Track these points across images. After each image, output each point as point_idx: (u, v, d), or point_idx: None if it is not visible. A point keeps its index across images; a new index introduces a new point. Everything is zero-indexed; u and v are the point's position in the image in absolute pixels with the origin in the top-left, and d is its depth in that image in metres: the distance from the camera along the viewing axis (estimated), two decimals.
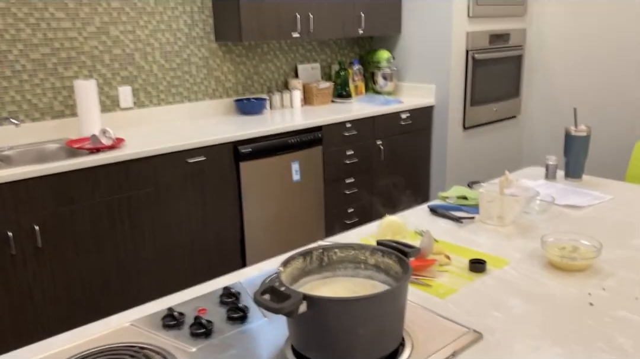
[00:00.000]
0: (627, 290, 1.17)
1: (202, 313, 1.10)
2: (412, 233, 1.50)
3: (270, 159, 2.93)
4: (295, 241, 3.14)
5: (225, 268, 2.87)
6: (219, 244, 2.83)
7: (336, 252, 1.07)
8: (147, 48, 3.01)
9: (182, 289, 2.58)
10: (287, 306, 0.84)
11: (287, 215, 3.07)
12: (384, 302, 0.88)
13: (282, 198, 3.03)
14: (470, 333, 1.01)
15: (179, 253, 2.69)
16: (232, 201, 2.83)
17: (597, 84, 3.82)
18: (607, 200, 1.76)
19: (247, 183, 2.85)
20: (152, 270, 2.61)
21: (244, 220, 2.88)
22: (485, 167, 4.08)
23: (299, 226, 3.14)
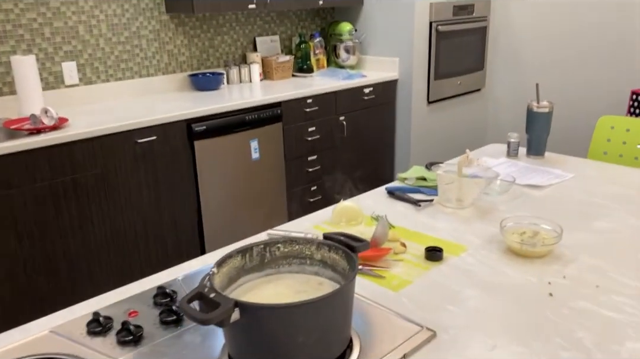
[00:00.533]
0: (587, 278, 1.11)
1: (133, 316, 1.00)
2: (368, 219, 1.42)
3: (227, 137, 2.80)
4: (256, 222, 3.04)
5: (183, 253, 2.76)
6: (174, 228, 2.71)
7: (279, 247, 0.98)
8: (91, 20, 2.81)
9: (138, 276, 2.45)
10: (215, 316, 0.75)
11: (246, 195, 2.96)
12: (325, 307, 0.80)
13: (241, 178, 2.92)
14: (423, 331, 0.94)
15: (131, 239, 2.57)
16: (187, 183, 2.71)
17: (561, 59, 3.78)
18: (569, 178, 1.71)
19: (202, 163, 2.73)
20: (103, 257, 2.48)
21: (200, 202, 2.77)
22: (450, 142, 4.03)
23: (260, 207, 3.04)
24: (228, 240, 2.94)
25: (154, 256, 2.66)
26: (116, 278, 2.53)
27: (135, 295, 1.07)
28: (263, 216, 3.07)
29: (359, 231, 1.31)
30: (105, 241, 2.47)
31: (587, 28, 3.62)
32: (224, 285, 0.90)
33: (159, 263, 2.68)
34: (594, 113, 3.64)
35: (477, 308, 1.02)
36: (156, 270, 2.65)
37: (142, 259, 2.61)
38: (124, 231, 2.52)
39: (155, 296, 1.04)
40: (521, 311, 1.00)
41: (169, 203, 2.67)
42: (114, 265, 2.52)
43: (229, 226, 2.91)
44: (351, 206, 1.39)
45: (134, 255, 2.59)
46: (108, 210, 2.45)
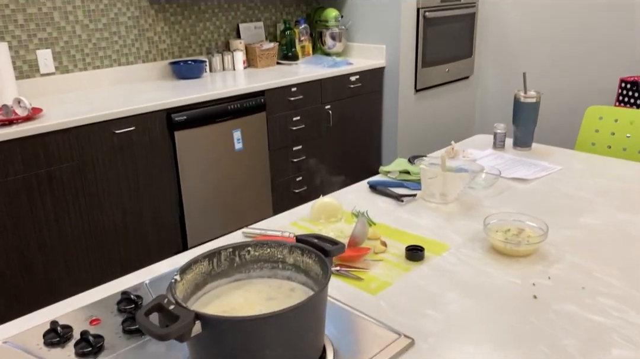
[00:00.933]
0: (573, 279, 1.07)
1: (95, 324, 0.94)
2: (349, 215, 1.37)
3: (209, 127, 2.73)
4: (241, 215, 2.98)
5: (164, 247, 2.70)
6: (155, 221, 2.64)
7: (249, 251, 0.92)
8: (67, 6, 2.71)
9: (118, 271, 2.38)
10: (173, 331, 0.69)
11: (230, 187, 2.90)
12: (293, 319, 0.75)
13: (224, 169, 2.85)
14: (400, 339, 0.89)
15: (110, 233, 2.50)
16: (168, 175, 2.64)
17: (549, 47, 3.73)
18: (556, 171, 1.67)
19: (183, 155, 2.66)
20: (81, 252, 2.41)
21: (182, 195, 2.70)
22: (437, 131, 3.98)
23: (245, 199, 2.98)
24: (211, 233, 2.88)
25: (134, 250, 2.59)
26: (95, 273, 2.47)
27: (98, 301, 1.01)
28: (247, 208, 3.01)
29: (339, 229, 1.26)
30: (83, 236, 2.40)
31: (577, 16, 3.57)
32: (188, 293, 0.85)
33: (140, 257, 2.62)
34: (582, 103, 3.61)
35: (457, 312, 0.97)
36: (136, 265, 2.60)
37: (122, 253, 2.55)
38: (102, 225, 2.46)
39: (119, 303, 0.98)
40: (504, 316, 0.96)
41: (149, 195, 2.60)
42: (92, 260, 2.45)
43: (211, 219, 2.85)
44: (331, 203, 1.34)
45: (113, 249, 2.52)
46: (85, 203, 2.38)
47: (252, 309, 0.84)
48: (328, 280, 0.79)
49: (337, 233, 1.25)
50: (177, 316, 0.71)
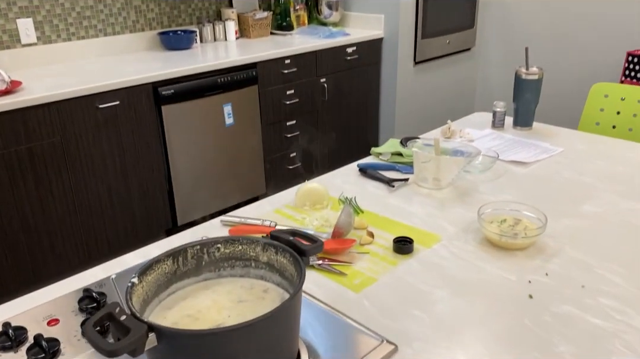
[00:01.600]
0: (572, 275, 1.00)
1: (53, 325, 0.87)
2: (335, 201, 1.29)
3: (198, 101, 2.63)
4: (232, 192, 2.91)
5: (153, 225, 2.63)
6: (143, 199, 2.57)
7: (219, 248, 0.85)
8: None
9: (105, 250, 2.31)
10: (123, 346, 0.62)
11: (220, 164, 2.81)
12: (262, 329, 0.67)
13: (214, 145, 2.76)
14: (383, 345, 0.82)
15: (97, 211, 2.42)
16: (155, 151, 2.55)
17: (553, 22, 3.59)
18: (557, 153, 1.58)
19: (171, 130, 2.56)
20: (66, 231, 2.34)
21: (170, 172, 2.62)
22: (437, 106, 3.87)
23: (236, 176, 2.90)
24: (201, 211, 2.81)
25: (122, 230, 2.53)
26: (81, 254, 2.41)
27: (58, 298, 0.93)
28: (239, 186, 2.93)
29: (324, 217, 1.18)
30: (67, 215, 2.33)
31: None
32: (150, 295, 0.78)
33: (128, 236, 2.55)
34: (587, 79, 3.48)
35: (446, 313, 0.90)
36: (124, 244, 2.53)
37: (109, 232, 2.48)
38: (87, 204, 2.38)
39: (80, 301, 0.91)
40: (496, 318, 0.89)
41: (136, 173, 2.51)
42: (78, 240, 2.39)
43: (201, 197, 2.77)
44: (316, 188, 1.26)
45: (100, 228, 2.45)
46: (69, 181, 2.30)
47: (219, 314, 0.77)
48: (301, 285, 0.71)
49: (322, 222, 1.17)
50: (128, 328, 0.64)
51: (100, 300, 0.90)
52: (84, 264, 2.41)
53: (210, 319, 0.76)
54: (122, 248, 2.53)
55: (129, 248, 2.48)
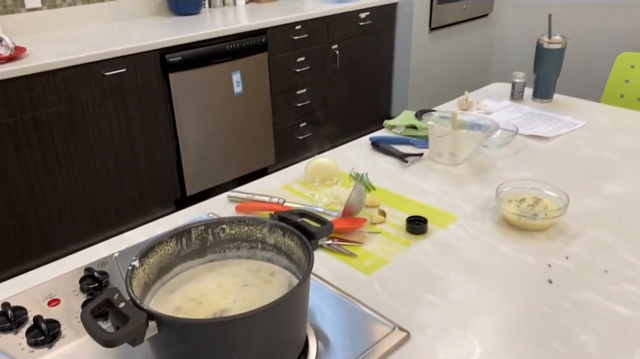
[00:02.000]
0: (595, 259, 0.95)
1: (54, 305, 0.84)
2: (346, 177, 1.24)
3: (206, 69, 2.56)
4: (241, 163, 2.87)
5: (161, 196, 2.61)
6: (151, 169, 2.53)
7: (224, 229, 0.81)
8: None
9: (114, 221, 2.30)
10: (121, 335, 0.59)
11: (229, 134, 2.77)
12: (267, 319, 0.64)
13: (223, 115, 2.71)
14: (394, 332, 0.78)
15: (104, 181, 2.40)
16: (163, 120, 2.50)
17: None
18: (579, 127, 1.51)
19: (179, 98, 2.51)
20: (74, 200, 2.32)
21: (178, 141, 2.58)
22: (452, 76, 3.76)
23: (245, 146, 2.85)
24: (210, 181, 2.78)
25: (130, 200, 2.50)
26: (90, 224, 2.40)
27: (59, 277, 0.90)
28: (248, 156, 2.89)
29: (334, 194, 1.14)
30: (75, 184, 2.31)
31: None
32: (152, 278, 0.74)
33: (136, 206, 2.53)
34: (612, 48, 3.35)
35: (461, 298, 0.86)
36: (133, 215, 2.51)
37: (116, 202, 2.46)
38: (95, 173, 2.35)
39: (82, 280, 0.88)
40: (514, 304, 0.84)
41: (144, 142, 2.48)
42: (86, 209, 2.37)
43: (210, 167, 2.74)
44: (326, 164, 1.21)
45: (108, 198, 2.43)
46: (76, 150, 2.27)
47: (223, 299, 0.73)
48: (309, 271, 0.67)
49: (332, 199, 1.12)
50: (127, 316, 0.60)
51: (102, 280, 0.87)
52: (92, 234, 2.40)
53: (214, 304, 0.73)
54: (130, 218, 2.52)
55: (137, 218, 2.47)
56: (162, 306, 0.73)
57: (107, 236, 1.02)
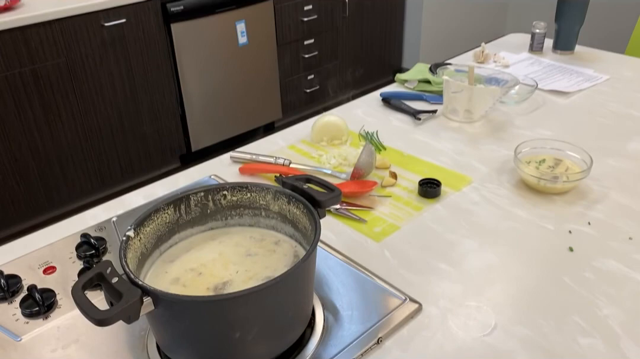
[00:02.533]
0: (619, 225, 0.89)
1: (50, 273, 0.81)
2: (356, 137, 1.18)
3: (209, 19, 2.46)
4: (247, 117, 2.80)
5: (167, 151, 2.56)
6: (155, 123, 2.48)
7: (225, 195, 0.76)
8: None
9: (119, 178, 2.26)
10: (114, 314, 0.55)
11: (234, 86, 2.69)
12: (269, 295, 0.59)
13: (227, 66, 2.62)
14: (405, 304, 0.74)
15: (107, 136, 2.35)
16: (166, 72, 2.42)
17: None
18: (602, 81, 1.43)
19: (181, 50, 2.42)
20: (77, 156, 2.28)
21: (182, 95, 2.50)
22: (467, 23, 3.61)
23: (251, 99, 2.78)
24: (215, 136, 2.72)
25: (134, 155, 2.46)
26: (94, 180, 2.36)
27: (55, 243, 0.87)
28: (254, 109, 2.82)
29: (342, 155, 1.08)
30: (77, 139, 2.26)
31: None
32: (149, 248, 0.70)
33: (141, 161, 2.49)
34: None
35: (475, 268, 0.81)
36: (137, 170, 2.47)
37: (120, 157, 2.42)
38: (97, 128, 2.30)
39: (78, 247, 0.84)
40: (532, 274, 0.80)
41: (146, 95, 2.41)
42: (90, 165, 2.33)
43: (215, 121, 2.67)
44: (334, 122, 1.14)
45: (111, 153, 2.39)
46: (77, 104, 2.21)
47: (225, 270, 0.69)
48: (315, 243, 0.63)
49: (340, 160, 1.07)
50: (120, 293, 0.56)
51: (99, 247, 0.84)
52: (97, 190, 2.37)
53: (215, 274, 0.69)
54: (135, 174, 2.48)
55: (142, 174, 2.44)
56: (161, 277, 0.69)
57: (112, 192, 0.98)
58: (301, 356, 0.66)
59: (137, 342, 0.69)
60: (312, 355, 0.66)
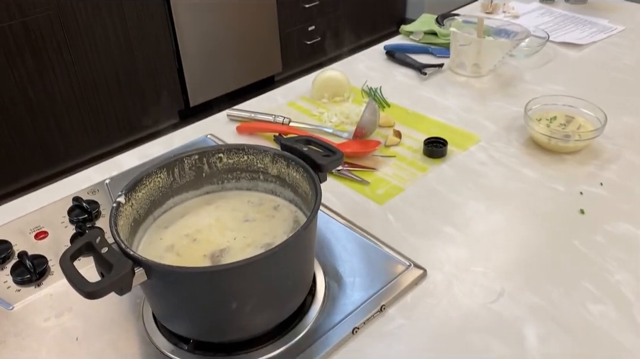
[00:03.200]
0: (632, 186, 0.86)
1: (41, 238, 0.78)
2: (358, 93, 1.13)
3: None
4: (245, 70, 2.72)
5: (164, 106, 2.50)
6: (151, 76, 2.41)
7: (221, 158, 0.72)
8: None
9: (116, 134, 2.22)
10: (104, 286, 0.52)
11: (233, 39, 2.60)
12: (267, 265, 0.57)
13: (224, 17, 2.52)
14: (410, 270, 0.72)
15: (103, 90, 2.29)
16: (161, 24, 2.34)
17: None
18: (617, 33, 1.36)
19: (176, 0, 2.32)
20: (73, 111, 2.23)
21: (178, 48, 2.42)
22: None
23: (249, 51, 2.69)
24: (214, 91, 2.65)
25: (131, 110, 2.41)
26: (91, 135, 2.32)
27: (47, 207, 0.84)
28: (253, 62, 2.74)
29: (344, 112, 1.04)
30: (72, 93, 2.20)
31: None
32: (142, 214, 0.67)
33: (138, 116, 2.44)
34: None
35: (482, 231, 0.78)
36: (135, 125, 2.42)
37: (117, 113, 2.37)
38: (92, 82, 2.24)
39: (70, 211, 0.81)
40: (541, 238, 0.77)
41: (142, 48, 2.33)
42: (86, 119, 2.28)
43: (213, 74, 2.60)
44: (336, 77, 1.09)
45: (108, 108, 2.33)
46: (71, 57, 2.14)
47: (222, 236, 0.66)
48: (316, 209, 0.59)
49: (342, 118, 1.02)
50: (110, 264, 0.54)
51: (92, 211, 0.81)
52: (94, 146, 2.33)
53: (212, 241, 0.66)
54: (133, 130, 2.44)
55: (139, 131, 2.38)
56: (155, 244, 0.66)
57: (110, 149, 0.94)
58: (302, 324, 0.64)
59: (133, 310, 0.67)
60: (313, 324, 0.64)
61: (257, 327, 0.62)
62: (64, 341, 0.64)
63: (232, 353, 0.61)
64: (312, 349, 0.61)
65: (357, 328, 0.64)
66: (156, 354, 0.62)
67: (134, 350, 0.63)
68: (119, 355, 0.62)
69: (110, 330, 0.65)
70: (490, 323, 0.65)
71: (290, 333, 0.63)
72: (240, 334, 0.62)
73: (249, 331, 0.61)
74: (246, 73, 2.72)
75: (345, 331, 0.63)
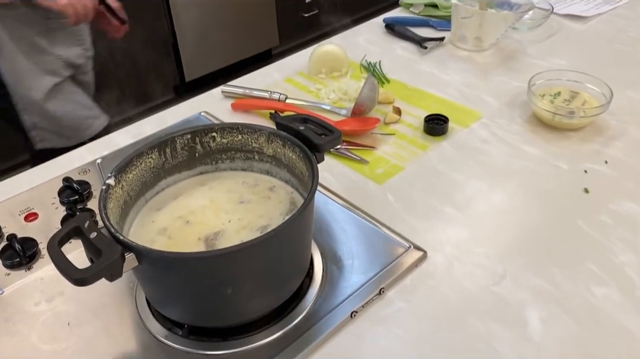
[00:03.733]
0: (637, 164, 0.84)
1: (31, 220, 0.76)
2: (357, 68, 1.10)
3: None
4: (241, 43, 2.67)
5: (159, 80, 2.46)
6: (146, 52, 2.36)
7: (214, 137, 0.69)
8: None
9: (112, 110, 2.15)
10: (93, 273, 0.50)
11: (227, 11, 2.54)
12: (263, 250, 0.55)
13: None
14: (410, 252, 0.70)
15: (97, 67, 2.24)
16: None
17: None
18: (623, 4, 1.32)
19: None
20: None
21: (173, 21, 2.37)
22: None
23: (245, 24, 2.63)
24: (210, 65, 2.60)
25: (125, 85, 2.36)
26: None
27: (36, 187, 0.81)
28: (250, 37, 2.68)
29: (342, 88, 1.01)
30: None
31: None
32: (133, 196, 0.65)
33: (132, 93, 2.39)
34: None
35: (484, 211, 0.76)
36: (129, 100, 2.39)
37: (112, 90, 2.32)
38: None
39: (61, 192, 0.79)
40: (544, 218, 0.75)
41: (136, 23, 2.27)
42: None
43: (209, 50, 2.55)
44: (334, 52, 1.06)
45: (100, 85, 2.29)
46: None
47: (216, 218, 0.64)
48: (313, 192, 0.57)
49: (340, 95, 0.99)
50: (99, 249, 0.52)
51: (83, 192, 0.78)
52: None
53: (206, 223, 0.64)
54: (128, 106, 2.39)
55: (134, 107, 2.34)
56: (147, 227, 0.64)
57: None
58: (299, 308, 0.63)
59: (126, 294, 0.66)
60: (311, 308, 0.63)
61: (253, 312, 0.60)
62: (55, 326, 0.62)
63: (228, 337, 0.60)
64: (310, 334, 0.60)
65: (356, 312, 0.62)
66: (150, 340, 0.60)
67: (127, 335, 0.61)
68: (112, 341, 0.61)
69: (103, 315, 0.63)
70: (491, 306, 0.63)
71: (287, 317, 0.62)
72: (236, 320, 0.60)
73: (244, 316, 0.60)
74: (243, 47, 2.67)
75: (344, 315, 0.62)
